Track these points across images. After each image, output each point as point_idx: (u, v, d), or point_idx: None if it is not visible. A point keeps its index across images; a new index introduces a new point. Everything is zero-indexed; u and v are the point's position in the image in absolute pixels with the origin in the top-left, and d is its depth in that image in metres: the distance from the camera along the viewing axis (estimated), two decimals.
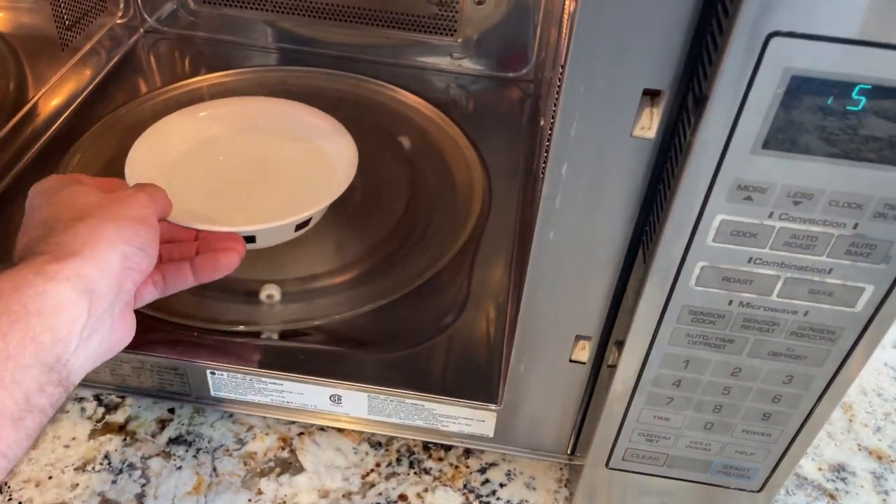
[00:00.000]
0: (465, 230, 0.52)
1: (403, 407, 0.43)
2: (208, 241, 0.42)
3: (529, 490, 0.45)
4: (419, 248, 0.51)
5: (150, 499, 0.42)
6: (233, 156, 0.53)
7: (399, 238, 0.51)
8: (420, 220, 0.53)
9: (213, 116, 0.54)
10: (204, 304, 0.46)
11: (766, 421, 0.34)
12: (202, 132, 0.53)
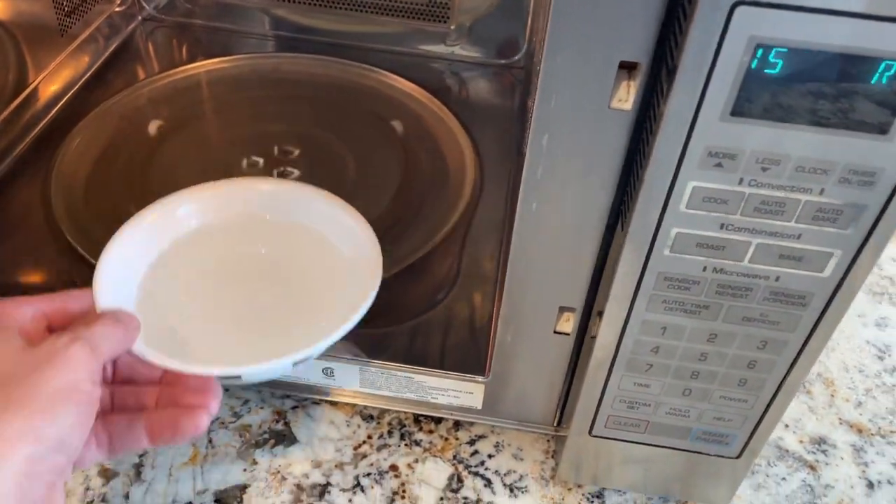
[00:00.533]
0: (456, 211, 0.53)
1: (394, 380, 0.44)
2: (173, 388, 0.33)
3: (517, 461, 0.46)
4: (411, 228, 0.52)
5: (148, 469, 0.44)
6: (220, 260, 0.41)
7: (391, 218, 0.53)
8: (412, 202, 0.54)
9: (198, 205, 0.42)
10: None
11: (742, 387, 0.35)
12: (183, 226, 0.42)
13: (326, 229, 0.42)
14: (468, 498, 0.44)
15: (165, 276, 0.40)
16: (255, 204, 0.43)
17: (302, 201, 0.43)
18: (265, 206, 0.43)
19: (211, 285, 0.40)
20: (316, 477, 0.44)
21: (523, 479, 0.45)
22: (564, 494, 0.44)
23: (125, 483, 0.43)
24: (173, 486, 0.43)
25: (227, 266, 0.41)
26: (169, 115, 0.59)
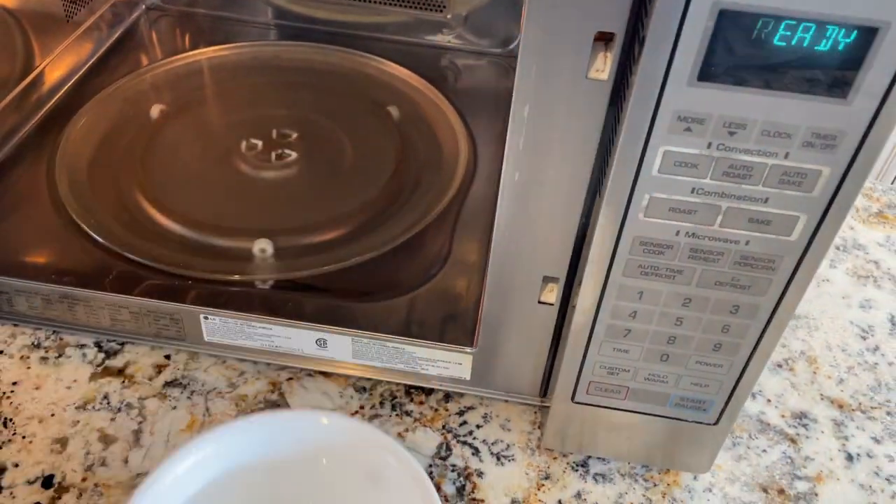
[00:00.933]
0: (449, 192, 0.55)
1: (386, 350, 0.46)
2: None
3: (504, 431, 0.47)
4: (405, 209, 0.53)
5: (147, 435, 0.45)
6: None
7: (386, 199, 0.54)
8: (407, 183, 0.56)
9: (242, 439, 0.37)
10: (198, 256, 0.49)
11: (717, 352, 0.37)
12: (217, 468, 0.37)
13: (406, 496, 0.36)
14: (456, 465, 0.45)
15: None
16: (325, 447, 0.38)
17: (378, 449, 0.37)
18: (337, 451, 0.38)
19: None
20: None
21: (510, 448, 0.46)
22: (550, 463, 0.46)
23: (124, 448, 0.44)
24: (171, 452, 0.44)
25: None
26: (170, 100, 0.61)
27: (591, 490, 0.45)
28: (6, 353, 0.48)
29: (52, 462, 0.43)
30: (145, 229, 0.50)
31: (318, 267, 0.49)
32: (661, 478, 0.45)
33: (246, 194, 0.54)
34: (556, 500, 0.44)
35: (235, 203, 0.53)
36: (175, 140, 0.57)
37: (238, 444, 0.38)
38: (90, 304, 0.46)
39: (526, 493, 0.44)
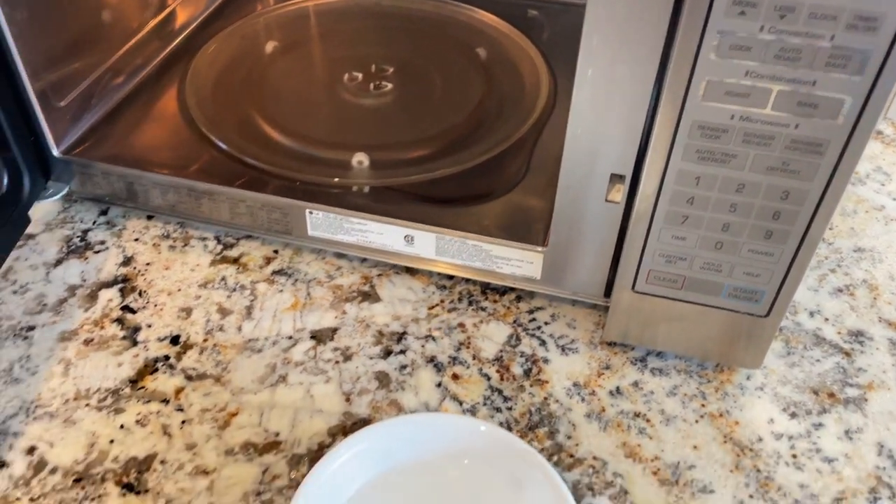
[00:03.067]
0: (528, 121, 0.60)
1: (466, 248, 0.51)
2: None
3: (570, 328, 0.52)
4: (488, 133, 0.59)
5: (257, 310, 0.52)
6: None
7: (471, 124, 0.59)
8: (490, 112, 0.61)
9: (392, 440, 0.41)
10: (305, 164, 0.55)
11: (768, 240, 0.40)
12: (377, 464, 0.41)
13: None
14: (524, 352, 0.50)
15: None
16: (471, 450, 0.42)
17: (522, 460, 0.41)
18: (482, 454, 0.42)
19: None
20: (395, 327, 0.51)
21: (574, 342, 0.51)
22: (611, 356, 0.50)
23: (238, 319, 0.51)
24: (277, 325, 0.51)
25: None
26: (282, 38, 0.68)
27: (647, 381, 0.49)
28: (140, 240, 0.56)
29: (178, 325, 0.51)
30: (260, 141, 0.57)
31: (407, 177, 0.55)
32: (714, 375, 0.49)
33: (346, 116, 0.60)
34: (614, 387, 0.48)
35: (337, 123, 0.60)
36: (286, 71, 0.65)
37: (393, 442, 0.41)
38: (214, 197, 0.54)
39: (587, 378, 0.49)
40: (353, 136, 0.58)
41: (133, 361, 0.49)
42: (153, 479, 0.43)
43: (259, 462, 0.44)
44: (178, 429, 0.45)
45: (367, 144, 0.57)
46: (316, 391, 0.47)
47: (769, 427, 0.46)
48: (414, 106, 0.61)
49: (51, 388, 0.47)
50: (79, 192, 0.56)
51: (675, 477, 0.44)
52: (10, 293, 0.52)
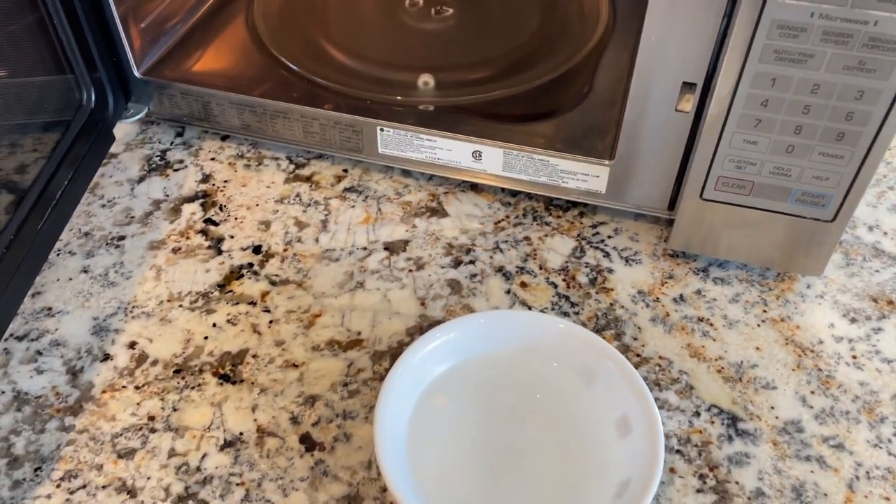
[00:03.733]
0: (592, 39, 0.61)
1: (532, 163, 0.53)
2: None
3: (633, 241, 0.53)
4: (551, 52, 0.60)
5: (332, 223, 0.54)
6: (490, 399, 0.43)
7: (534, 44, 0.60)
8: (553, 31, 0.62)
9: (479, 333, 0.44)
10: (371, 83, 0.57)
11: (839, 141, 0.41)
12: (456, 355, 0.43)
13: (619, 399, 0.41)
14: (589, 263, 0.52)
15: (433, 410, 0.42)
16: (546, 345, 0.44)
17: (597, 354, 0.42)
18: (556, 350, 0.44)
19: (477, 427, 0.42)
20: (463, 240, 0.54)
21: (638, 254, 0.53)
22: (674, 267, 0.52)
23: (315, 231, 0.54)
24: (352, 237, 0.54)
25: (496, 407, 0.43)
26: None
27: (710, 289, 0.50)
28: (217, 160, 0.59)
29: (259, 237, 0.53)
30: (327, 62, 0.59)
31: (472, 96, 0.56)
32: (775, 284, 0.51)
33: (410, 40, 0.62)
34: (677, 294, 0.50)
35: (401, 46, 0.61)
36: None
37: (472, 336, 0.44)
38: (288, 116, 0.56)
39: (650, 287, 0.51)
40: (417, 59, 0.60)
41: (219, 268, 0.51)
42: (247, 371, 0.46)
43: (344, 357, 0.47)
44: (266, 327, 0.48)
45: (431, 66, 0.58)
46: (392, 296, 0.50)
47: (830, 331, 0.48)
48: (475, 29, 0.62)
49: (145, 291, 0.50)
50: (157, 112, 0.59)
51: (739, 375, 0.46)
52: (98, 206, 0.55)
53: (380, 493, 0.41)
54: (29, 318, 0.48)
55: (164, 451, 0.42)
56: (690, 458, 0.42)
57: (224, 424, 0.43)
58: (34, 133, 0.52)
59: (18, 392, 0.45)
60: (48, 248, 0.49)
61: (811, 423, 0.44)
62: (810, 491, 0.41)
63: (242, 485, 0.41)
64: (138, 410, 0.44)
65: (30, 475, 0.41)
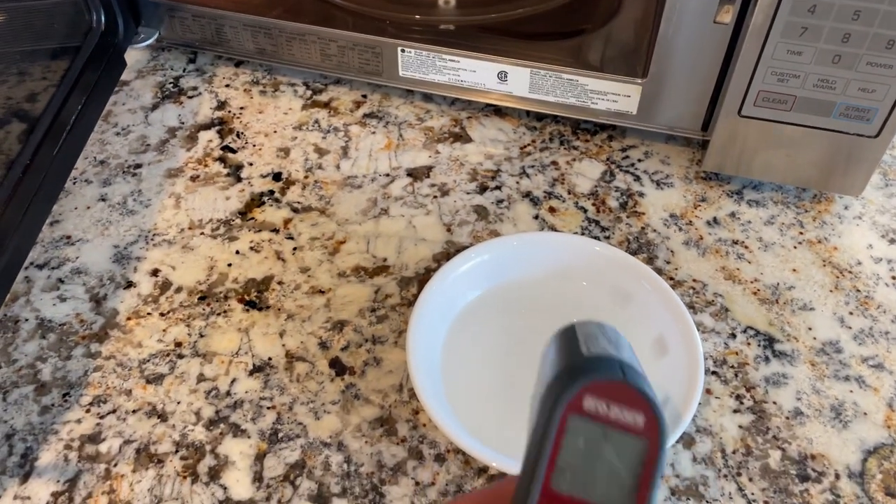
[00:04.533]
0: None
1: (560, 83, 0.51)
2: None
3: (664, 164, 0.52)
4: None
5: (353, 150, 0.53)
6: (520, 324, 0.42)
7: None
8: None
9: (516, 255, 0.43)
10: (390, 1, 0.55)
11: (889, 50, 0.39)
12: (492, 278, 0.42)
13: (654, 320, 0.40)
14: (619, 187, 0.51)
15: (466, 333, 0.41)
16: (580, 267, 0.43)
17: (633, 275, 0.41)
18: (590, 273, 0.42)
19: (510, 351, 0.41)
20: (488, 165, 0.52)
21: (669, 177, 0.51)
22: (707, 190, 0.50)
23: (335, 158, 0.52)
24: (373, 163, 0.52)
25: (528, 331, 0.41)
26: None
27: (744, 211, 0.49)
28: (231, 86, 0.57)
29: (278, 164, 0.52)
30: None
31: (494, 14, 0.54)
32: (812, 206, 0.49)
33: None
34: (711, 217, 0.49)
35: None
36: None
37: (506, 257, 0.42)
38: (305, 38, 0.54)
39: (683, 210, 0.49)
40: None
41: (240, 196, 0.50)
42: (273, 297, 0.45)
43: (371, 283, 0.46)
44: (290, 254, 0.47)
45: None
46: (417, 222, 0.49)
47: (868, 252, 0.47)
48: None
49: (165, 219, 0.49)
50: (168, 37, 0.57)
51: (775, 296, 0.45)
52: (113, 135, 0.54)
53: (412, 415, 0.40)
54: (48, 247, 0.47)
55: (193, 377, 0.42)
56: (727, 379, 0.42)
57: (252, 350, 0.43)
58: (43, 60, 0.50)
59: (42, 319, 0.44)
60: (64, 175, 0.47)
61: (850, 343, 0.43)
62: (850, 410, 0.40)
63: (273, 408, 0.40)
64: (164, 337, 0.43)
65: (58, 401, 0.41)
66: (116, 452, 0.39)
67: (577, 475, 0.22)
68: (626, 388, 0.22)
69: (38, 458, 0.39)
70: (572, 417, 0.22)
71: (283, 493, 0.38)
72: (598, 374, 0.22)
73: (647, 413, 0.22)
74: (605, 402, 0.22)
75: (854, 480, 0.38)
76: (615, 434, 0.22)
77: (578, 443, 0.22)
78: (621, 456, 0.22)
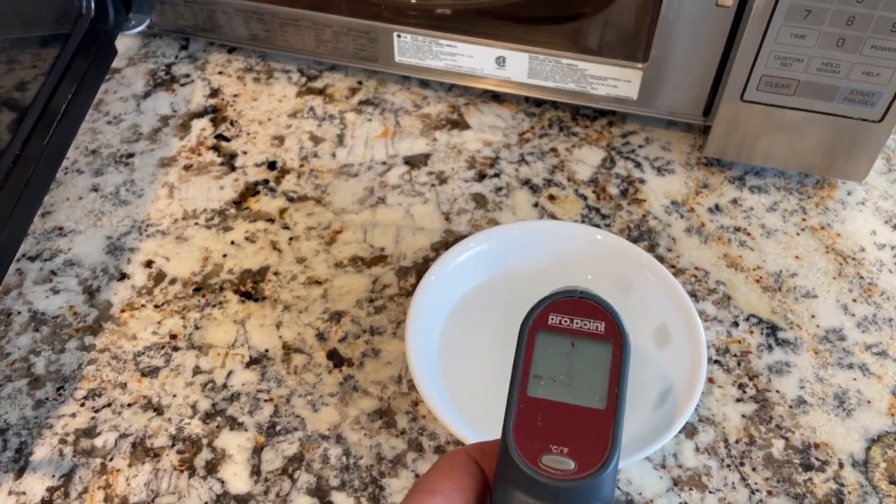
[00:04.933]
0: None
1: (560, 68, 0.50)
2: None
3: (665, 151, 0.51)
4: None
5: (349, 138, 0.52)
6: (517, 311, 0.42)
7: None
8: None
9: (513, 244, 0.42)
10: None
11: (894, 33, 0.39)
12: (492, 267, 0.42)
13: (657, 309, 0.40)
14: (619, 174, 0.50)
15: (465, 324, 0.41)
16: (581, 256, 0.42)
17: (635, 264, 0.41)
18: (591, 262, 0.42)
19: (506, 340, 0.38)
20: (487, 152, 0.51)
21: (670, 163, 0.50)
22: (708, 176, 0.50)
23: (331, 146, 0.52)
24: (370, 151, 0.51)
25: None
26: None
27: (746, 198, 0.48)
28: (224, 73, 0.56)
29: (273, 152, 0.51)
30: None
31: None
32: (814, 192, 0.49)
33: None
34: (713, 204, 0.48)
35: None
36: None
37: (511, 245, 0.42)
38: (299, 24, 0.53)
39: (685, 197, 0.49)
40: None
41: (234, 185, 0.49)
42: (269, 288, 0.44)
43: (368, 273, 0.45)
44: (286, 244, 0.46)
45: None
46: (415, 211, 0.48)
47: (871, 238, 0.46)
48: None
49: (159, 209, 0.48)
50: (160, 24, 0.56)
51: (778, 284, 0.44)
52: (104, 123, 0.53)
53: (411, 406, 0.40)
54: (40, 238, 0.47)
55: (189, 369, 0.41)
56: (729, 367, 0.41)
57: (248, 342, 0.42)
58: (32, 48, 0.49)
59: (35, 312, 0.43)
60: (55, 165, 0.46)
61: (853, 331, 0.42)
62: (853, 398, 0.40)
63: (271, 401, 0.40)
64: (159, 329, 0.43)
65: (52, 395, 0.40)
66: (112, 446, 0.38)
67: (552, 383, 0.24)
68: (584, 302, 0.25)
69: (32, 452, 0.38)
70: (540, 332, 0.25)
71: (282, 486, 0.37)
72: (558, 296, 0.26)
73: (606, 320, 0.25)
74: (568, 317, 0.25)
75: (858, 469, 0.38)
76: (582, 341, 0.25)
77: (549, 353, 0.25)
78: (591, 359, 0.24)
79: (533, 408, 0.24)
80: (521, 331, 0.25)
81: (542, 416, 0.24)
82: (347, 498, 0.37)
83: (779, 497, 0.37)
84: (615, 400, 0.24)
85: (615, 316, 0.25)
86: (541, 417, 0.23)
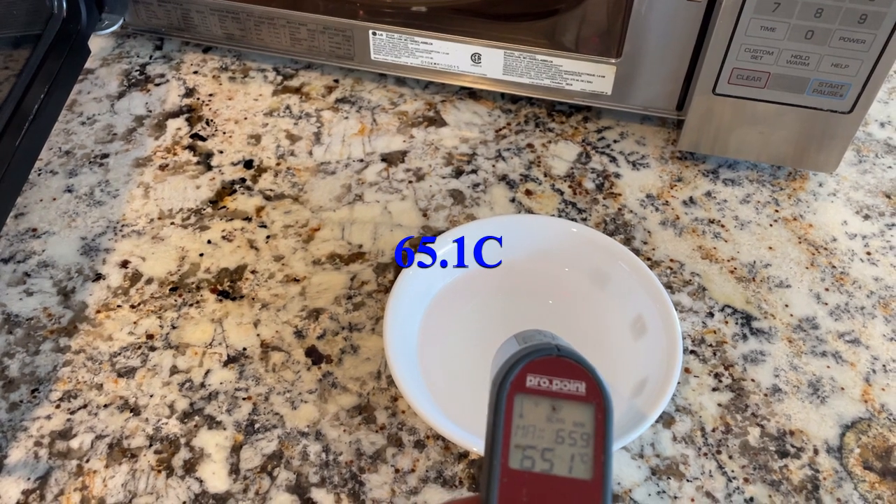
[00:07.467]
0: None
1: (535, 65, 0.50)
2: None
3: (640, 145, 0.52)
4: None
5: (325, 136, 0.52)
6: (500, 306, 0.42)
7: None
8: None
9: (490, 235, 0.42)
10: None
11: (862, 24, 0.39)
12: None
13: (633, 300, 0.40)
14: (595, 168, 0.50)
15: (443, 318, 0.41)
16: (557, 250, 0.42)
17: (611, 257, 0.41)
18: (567, 255, 0.42)
19: (489, 335, 0.37)
20: (464, 149, 0.51)
21: (645, 158, 0.51)
22: (682, 170, 0.50)
23: (308, 144, 0.51)
24: (347, 149, 0.51)
25: (506, 314, 0.41)
26: None
27: (720, 191, 0.49)
28: (199, 73, 0.56)
29: (249, 151, 0.51)
30: None
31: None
32: (787, 183, 0.49)
33: None
34: (687, 197, 0.49)
35: None
36: None
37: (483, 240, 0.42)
38: (274, 22, 0.53)
39: (659, 190, 0.49)
40: None
41: (210, 184, 0.49)
42: (247, 287, 0.44)
43: (346, 270, 0.45)
44: (263, 243, 0.46)
45: None
46: (393, 208, 0.48)
47: (843, 228, 0.47)
48: None
49: (134, 209, 0.48)
50: (134, 23, 0.55)
51: (752, 274, 0.45)
52: (78, 124, 0.52)
53: (390, 402, 0.40)
54: (13, 240, 0.46)
55: (166, 369, 0.41)
56: (705, 357, 0.42)
57: (226, 340, 0.42)
58: (3, 49, 0.49)
59: (9, 314, 0.43)
60: (28, 166, 0.46)
61: (826, 319, 0.43)
62: (827, 386, 0.41)
63: (249, 399, 0.40)
64: (136, 329, 0.42)
65: (27, 397, 0.40)
66: (88, 448, 0.38)
67: (534, 451, 0.23)
68: (562, 361, 0.24)
69: (7, 455, 0.38)
70: (518, 396, 0.23)
71: (261, 484, 0.37)
72: (534, 355, 0.24)
73: (586, 380, 0.23)
74: (546, 378, 0.23)
75: (833, 455, 0.38)
76: (563, 404, 0.23)
77: (530, 420, 0.23)
78: (574, 425, 0.23)
79: (517, 481, 0.23)
80: (497, 393, 0.24)
81: (526, 491, 0.22)
82: (327, 494, 0.37)
83: (755, 484, 0.37)
84: (602, 469, 0.23)
85: (595, 375, 0.24)
86: (526, 492, 0.22)
